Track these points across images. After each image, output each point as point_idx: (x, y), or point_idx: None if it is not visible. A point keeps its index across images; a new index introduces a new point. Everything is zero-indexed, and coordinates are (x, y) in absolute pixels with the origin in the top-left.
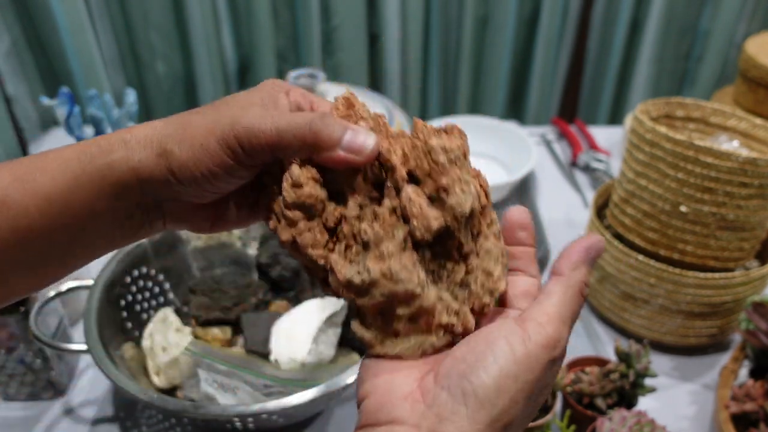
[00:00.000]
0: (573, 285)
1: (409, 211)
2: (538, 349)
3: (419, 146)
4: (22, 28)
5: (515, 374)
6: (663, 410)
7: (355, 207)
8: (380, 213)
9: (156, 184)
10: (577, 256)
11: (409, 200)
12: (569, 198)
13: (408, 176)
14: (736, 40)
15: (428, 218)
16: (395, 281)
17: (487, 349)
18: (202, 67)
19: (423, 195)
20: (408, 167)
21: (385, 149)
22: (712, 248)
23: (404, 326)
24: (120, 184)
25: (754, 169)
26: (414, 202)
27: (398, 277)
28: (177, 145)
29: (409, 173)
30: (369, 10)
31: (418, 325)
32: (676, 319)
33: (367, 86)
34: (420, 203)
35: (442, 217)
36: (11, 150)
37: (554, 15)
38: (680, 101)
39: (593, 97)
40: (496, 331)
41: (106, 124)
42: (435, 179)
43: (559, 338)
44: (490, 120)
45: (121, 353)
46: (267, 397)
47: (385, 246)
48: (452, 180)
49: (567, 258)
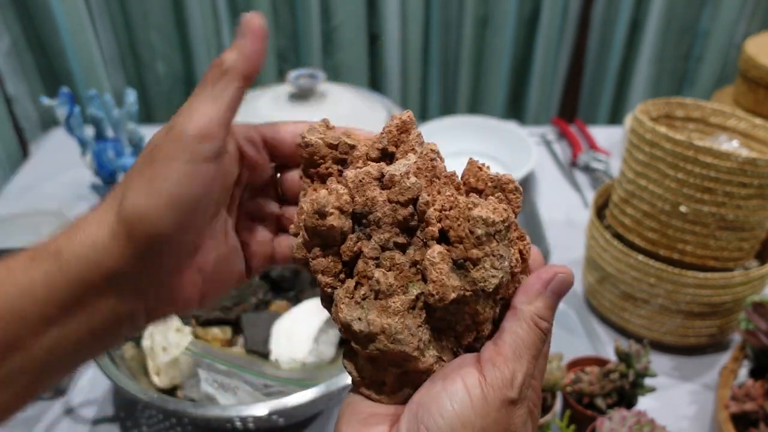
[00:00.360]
0: (526, 318)
1: (429, 274)
2: (493, 391)
3: (461, 206)
4: (22, 28)
5: (471, 420)
6: (663, 410)
7: (376, 247)
8: (400, 263)
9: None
10: (532, 288)
11: (432, 264)
12: (569, 198)
13: (441, 233)
14: (735, 40)
15: (446, 288)
16: (393, 341)
17: (443, 391)
18: (202, 67)
19: (449, 259)
20: (444, 224)
21: (423, 200)
22: (712, 248)
23: (394, 380)
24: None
25: (754, 169)
26: (436, 266)
27: (397, 337)
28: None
29: (443, 230)
30: (369, 10)
31: (410, 380)
32: (675, 319)
33: (367, 86)
34: (441, 270)
35: (461, 288)
36: (11, 150)
37: (554, 15)
38: (680, 101)
39: (593, 97)
40: (453, 373)
41: (106, 124)
42: (466, 248)
43: (513, 378)
44: (490, 120)
45: (122, 353)
46: (267, 397)
47: (393, 301)
48: (484, 254)
49: (523, 290)
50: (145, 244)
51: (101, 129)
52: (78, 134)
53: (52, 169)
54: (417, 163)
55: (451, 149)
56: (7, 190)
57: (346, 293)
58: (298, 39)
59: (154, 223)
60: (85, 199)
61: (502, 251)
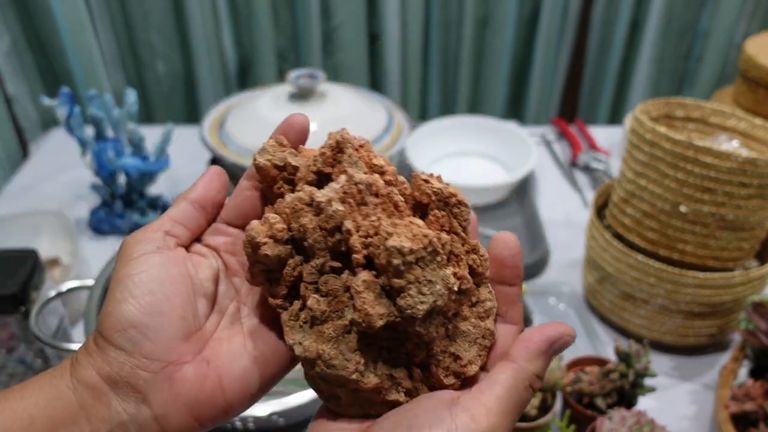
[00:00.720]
0: (524, 378)
1: (355, 302)
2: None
3: (382, 233)
4: (22, 28)
5: None
6: (663, 410)
7: (313, 272)
8: (334, 288)
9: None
10: (537, 346)
11: (356, 292)
12: (569, 198)
13: (368, 260)
14: (735, 40)
15: (371, 317)
16: (329, 366)
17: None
18: (202, 67)
19: (376, 286)
20: (369, 251)
21: (346, 228)
22: (712, 248)
23: (347, 396)
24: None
25: (754, 170)
26: (359, 295)
27: (331, 363)
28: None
29: (369, 257)
30: (369, 10)
31: (363, 397)
32: (675, 319)
33: (367, 86)
34: (365, 299)
35: (389, 315)
36: (12, 150)
37: (554, 15)
38: (680, 101)
39: (593, 97)
40: (423, 414)
41: (106, 124)
42: (388, 277)
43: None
44: (490, 120)
45: None
46: (267, 397)
47: (327, 327)
48: (407, 282)
49: (525, 345)
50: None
51: (101, 129)
52: (78, 134)
53: (52, 169)
54: (344, 187)
55: (451, 149)
56: (7, 190)
57: (290, 316)
58: (298, 39)
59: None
60: (84, 199)
61: (429, 276)
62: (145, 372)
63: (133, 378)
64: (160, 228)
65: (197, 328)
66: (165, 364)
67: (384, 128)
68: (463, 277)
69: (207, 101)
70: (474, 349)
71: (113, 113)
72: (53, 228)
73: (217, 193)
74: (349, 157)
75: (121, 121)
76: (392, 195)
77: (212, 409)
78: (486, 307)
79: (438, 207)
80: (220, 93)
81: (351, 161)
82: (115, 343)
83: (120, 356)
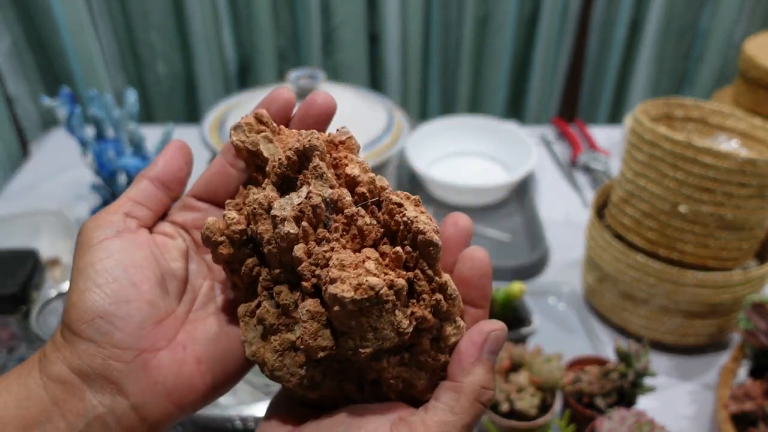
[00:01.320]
0: (467, 393)
1: (299, 328)
2: None
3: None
4: (22, 28)
5: None
6: (662, 410)
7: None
8: (285, 304)
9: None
10: (468, 358)
11: (301, 320)
12: (569, 198)
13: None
14: (735, 40)
15: (312, 348)
16: (273, 375)
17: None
18: (202, 67)
19: (321, 317)
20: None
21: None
22: (711, 248)
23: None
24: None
25: (753, 170)
26: (303, 325)
27: (276, 374)
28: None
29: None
30: (369, 10)
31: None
32: (675, 319)
33: (367, 86)
34: (307, 329)
35: (330, 349)
36: (12, 150)
37: (554, 15)
38: (680, 101)
39: (593, 97)
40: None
41: (106, 124)
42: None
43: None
44: (490, 120)
45: None
46: (267, 397)
47: (274, 338)
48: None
49: (457, 360)
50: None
51: (102, 129)
52: (78, 134)
53: (52, 169)
54: (301, 205)
55: (451, 149)
56: (8, 190)
57: (247, 311)
58: (298, 39)
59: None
60: (85, 199)
61: (375, 324)
62: (118, 362)
63: (106, 369)
64: (119, 210)
65: (169, 313)
66: (138, 353)
67: (384, 128)
68: (422, 317)
69: (207, 101)
70: (430, 378)
71: (114, 113)
72: (53, 228)
73: (179, 170)
74: (314, 169)
75: (121, 121)
76: (357, 217)
77: (193, 394)
78: (449, 342)
79: (406, 239)
80: (221, 93)
81: (316, 173)
82: (83, 335)
83: (90, 348)
